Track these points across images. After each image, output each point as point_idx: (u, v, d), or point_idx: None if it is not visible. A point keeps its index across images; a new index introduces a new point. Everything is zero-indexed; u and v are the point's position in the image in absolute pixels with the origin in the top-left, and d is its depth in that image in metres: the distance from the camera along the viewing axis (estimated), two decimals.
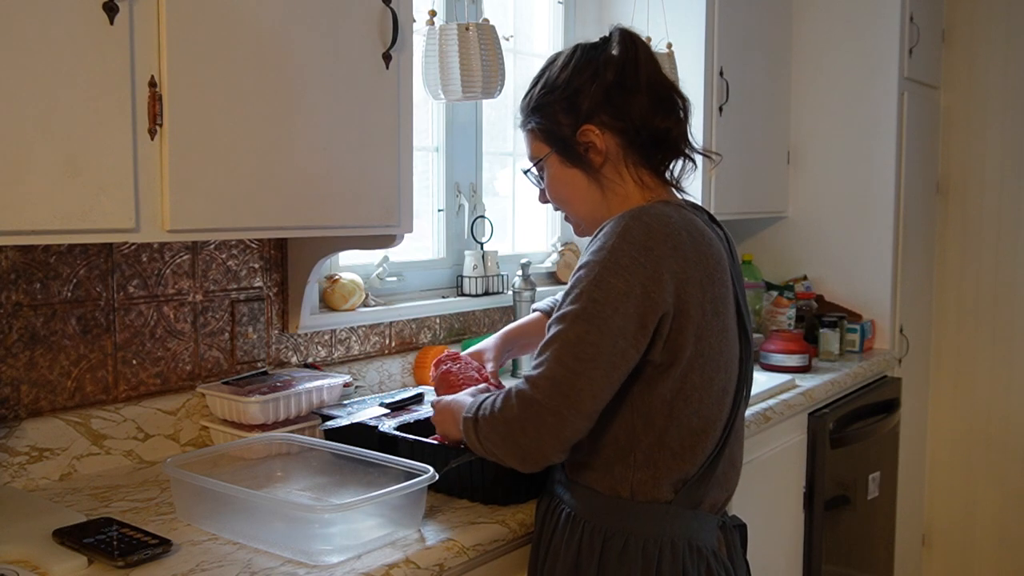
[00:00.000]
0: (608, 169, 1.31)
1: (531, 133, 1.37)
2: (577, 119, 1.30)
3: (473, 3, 2.29)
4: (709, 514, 1.28)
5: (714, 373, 1.24)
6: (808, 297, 2.97)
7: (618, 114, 1.29)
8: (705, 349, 1.21)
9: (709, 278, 1.21)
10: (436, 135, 2.35)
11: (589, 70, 1.31)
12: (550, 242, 2.76)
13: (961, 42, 3.40)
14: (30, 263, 1.49)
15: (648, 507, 1.24)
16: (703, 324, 1.20)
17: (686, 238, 1.20)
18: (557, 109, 1.32)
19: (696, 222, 1.25)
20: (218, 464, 1.48)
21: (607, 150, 1.30)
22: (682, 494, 1.25)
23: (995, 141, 3.36)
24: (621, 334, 1.15)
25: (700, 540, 1.26)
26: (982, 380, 3.41)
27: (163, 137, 1.26)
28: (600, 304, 1.15)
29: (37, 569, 1.14)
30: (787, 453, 2.34)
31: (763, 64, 2.95)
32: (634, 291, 1.15)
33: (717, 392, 1.25)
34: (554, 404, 1.14)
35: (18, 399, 1.49)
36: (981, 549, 3.44)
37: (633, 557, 1.23)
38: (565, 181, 1.35)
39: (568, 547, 1.27)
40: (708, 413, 1.24)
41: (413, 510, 1.30)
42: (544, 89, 1.35)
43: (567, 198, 1.37)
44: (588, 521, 1.26)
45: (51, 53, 1.14)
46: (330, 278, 1.99)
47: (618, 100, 1.29)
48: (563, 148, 1.32)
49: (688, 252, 1.19)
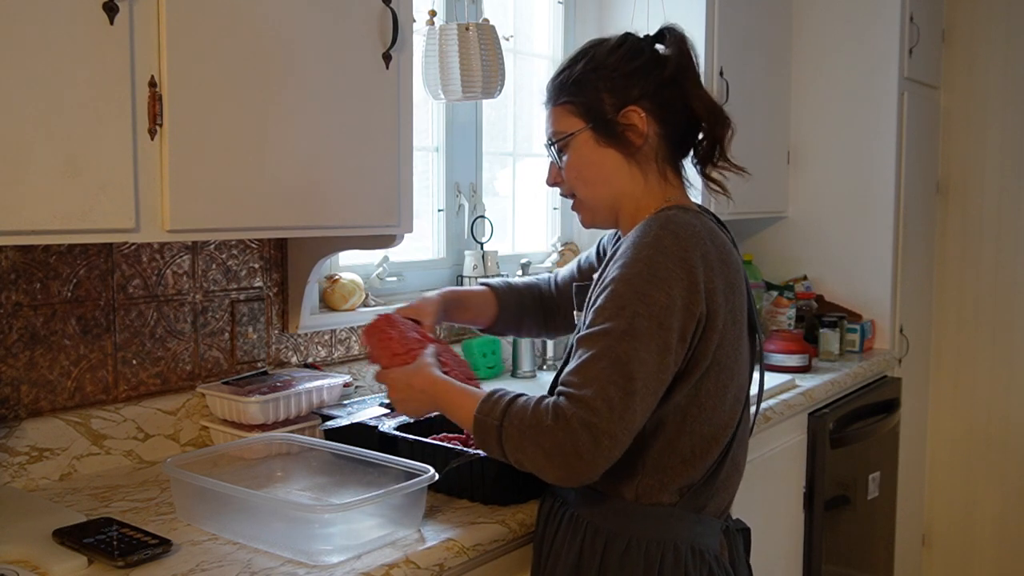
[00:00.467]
0: (642, 155, 1.31)
1: (564, 106, 1.33)
2: (624, 100, 1.29)
3: (473, 3, 2.29)
4: (712, 518, 1.28)
5: (728, 380, 1.23)
6: (808, 297, 2.97)
7: (667, 105, 1.29)
8: (722, 357, 1.21)
9: (731, 287, 1.21)
10: (436, 135, 2.35)
11: (642, 58, 1.30)
12: (550, 242, 2.76)
13: (961, 42, 3.40)
14: (30, 263, 1.49)
15: (651, 510, 1.23)
16: (724, 333, 1.20)
17: (711, 247, 1.20)
18: (602, 87, 1.29)
19: (715, 230, 1.26)
20: (218, 464, 1.48)
21: (647, 135, 1.29)
22: (687, 498, 1.24)
23: (995, 141, 3.36)
24: (667, 349, 1.14)
25: (703, 544, 1.25)
26: (982, 380, 3.41)
27: (163, 137, 1.26)
28: (646, 319, 1.13)
29: (37, 569, 1.14)
30: (787, 453, 2.34)
31: (763, 64, 2.95)
32: (676, 303, 1.14)
33: (731, 400, 1.25)
34: (612, 428, 1.11)
35: (18, 399, 1.49)
36: (981, 549, 3.44)
37: (635, 560, 1.22)
38: (592, 161, 1.32)
39: (570, 548, 1.27)
40: (720, 420, 1.24)
41: (413, 510, 1.30)
42: (589, 66, 1.31)
43: (592, 179, 1.34)
44: (591, 523, 1.26)
45: (51, 53, 1.14)
46: (330, 278, 1.99)
47: (669, 93, 1.29)
48: (601, 125, 1.30)
49: (713, 262, 1.19)
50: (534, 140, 2.73)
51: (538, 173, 2.75)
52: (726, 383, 1.23)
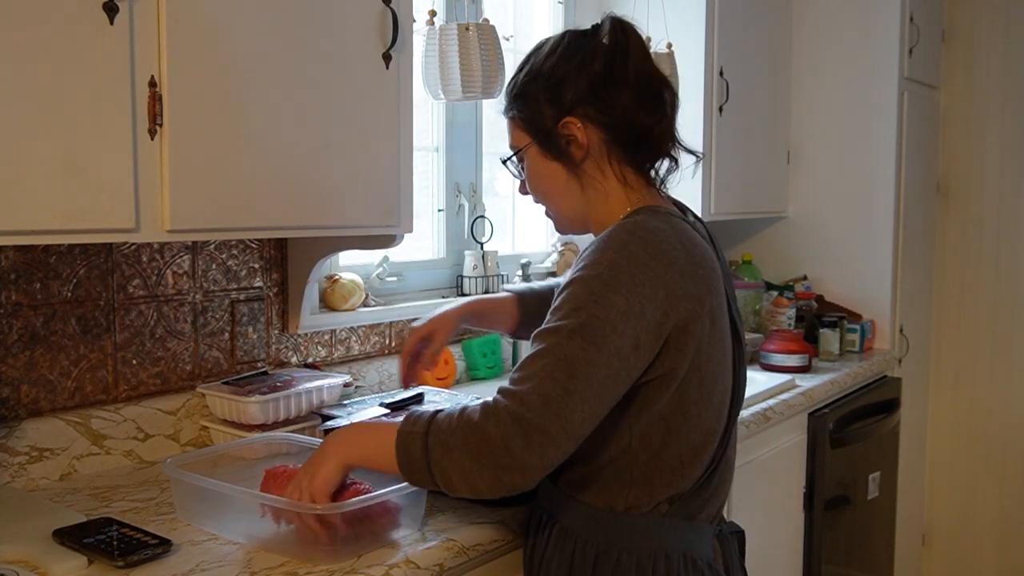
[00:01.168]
0: (589, 165, 1.24)
1: (512, 121, 1.31)
2: (560, 110, 1.23)
3: (473, 3, 2.29)
4: (705, 525, 1.25)
5: (712, 386, 1.19)
6: (808, 297, 2.97)
7: (603, 107, 1.22)
8: (703, 363, 1.17)
9: (707, 290, 1.16)
10: (436, 135, 2.35)
11: (576, 59, 1.23)
12: (550, 242, 2.76)
13: (961, 42, 3.40)
14: (30, 263, 1.49)
15: (642, 520, 1.20)
16: (701, 339, 1.15)
17: (681, 252, 1.15)
18: (540, 98, 1.24)
19: (687, 231, 1.20)
20: (218, 464, 1.48)
21: (589, 145, 1.23)
22: (677, 506, 1.21)
23: (995, 141, 3.36)
24: (618, 354, 1.08)
25: (696, 552, 1.22)
26: (982, 380, 3.41)
27: (163, 137, 1.26)
28: (600, 321, 1.08)
29: (37, 569, 1.14)
30: (787, 453, 2.34)
31: (763, 64, 2.95)
32: (634, 309, 1.09)
33: (716, 404, 1.21)
34: (544, 423, 1.05)
35: (18, 399, 1.49)
36: (981, 549, 3.44)
37: (626, 571, 1.19)
38: (544, 174, 1.28)
39: (561, 561, 1.23)
40: (707, 427, 1.20)
41: (413, 510, 1.30)
42: (528, 76, 1.27)
43: (546, 192, 1.30)
44: (580, 535, 1.22)
45: (51, 53, 1.14)
46: (330, 278, 1.99)
47: (603, 93, 1.21)
48: (544, 139, 1.25)
49: (684, 267, 1.14)
50: None
51: None
52: (710, 388, 1.19)
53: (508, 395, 1.08)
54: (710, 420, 1.21)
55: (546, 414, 1.05)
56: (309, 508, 1.18)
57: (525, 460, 1.06)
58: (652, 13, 2.53)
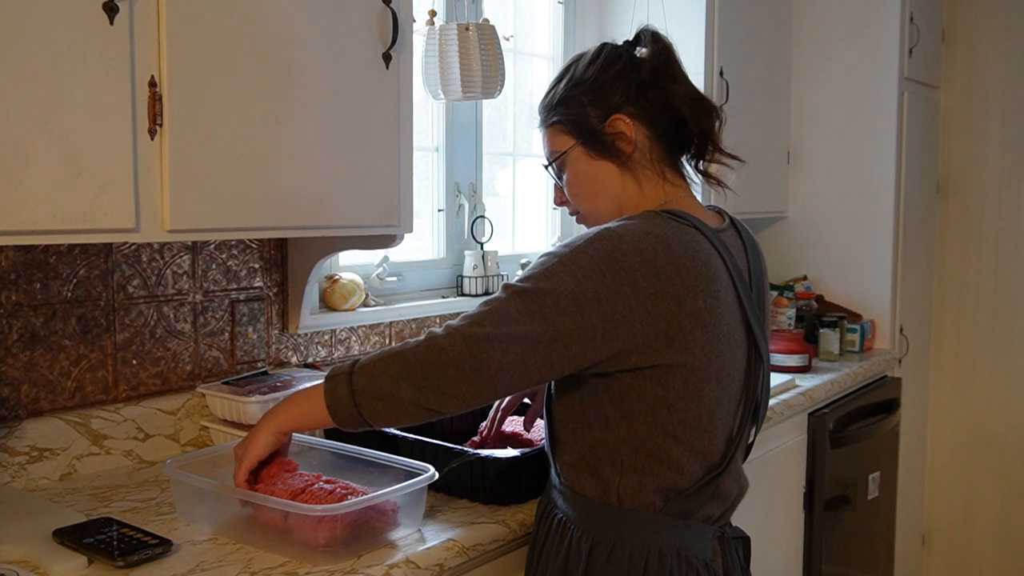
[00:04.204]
0: (639, 157, 1.31)
1: (555, 127, 1.35)
2: (607, 110, 1.29)
3: (473, 3, 2.29)
4: (703, 524, 1.25)
5: (703, 384, 1.19)
6: (808, 297, 2.97)
7: (648, 106, 1.29)
8: (688, 360, 1.17)
9: (688, 290, 1.16)
10: (436, 135, 2.35)
11: (619, 65, 1.31)
12: (550, 242, 2.76)
13: (961, 42, 3.40)
14: (30, 263, 1.49)
15: (635, 514, 1.21)
16: (680, 336, 1.16)
17: (660, 252, 1.16)
18: (584, 101, 1.31)
19: (681, 233, 1.21)
20: (218, 464, 1.48)
21: (636, 140, 1.29)
22: (673, 503, 1.21)
23: (995, 141, 3.36)
24: (554, 328, 1.13)
25: (691, 550, 1.22)
26: (982, 380, 3.41)
27: (163, 137, 1.26)
28: (543, 294, 1.14)
29: (37, 569, 1.14)
30: (787, 453, 2.34)
31: (763, 64, 2.95)
32: (586, 294, 1.13)
33: (708, 404, 1.21)
34: (459, 358, 1.13)
35: (18, 399, 1.49)
36: (981, 549, 3.44)
37: (618, 565, 1.20)
38: (590, 174, 1.33)
39: (557, 552, 1.25)
40: (699, 424, 1.20)
41: (413, 510, 1.30)
42: (570, 83, 1.33)
43: (592, 192, 1.34)
44: (577, 527, 1.24)
45: (51, 53, 1.14)
46: (330, 278, 1.99)
47: (649, 93, 1.29)
48: (591, 138, 1.31)
49: (661, 266, 1.15)
50: (534, 140, 2.73)
51: (538, 173, 2.75)
52: (699, 386, 1.19)
53: (443, 329, 1.17)
54: (702, 418, 1.21)
55: (464, 351, 1.14)
56: (308, 509, 1.18)
57: (439, 386, 1.14)
58: (652, 13, 2.54)
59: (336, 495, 1.23)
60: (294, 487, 1.25)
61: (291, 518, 1.21)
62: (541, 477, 1.45)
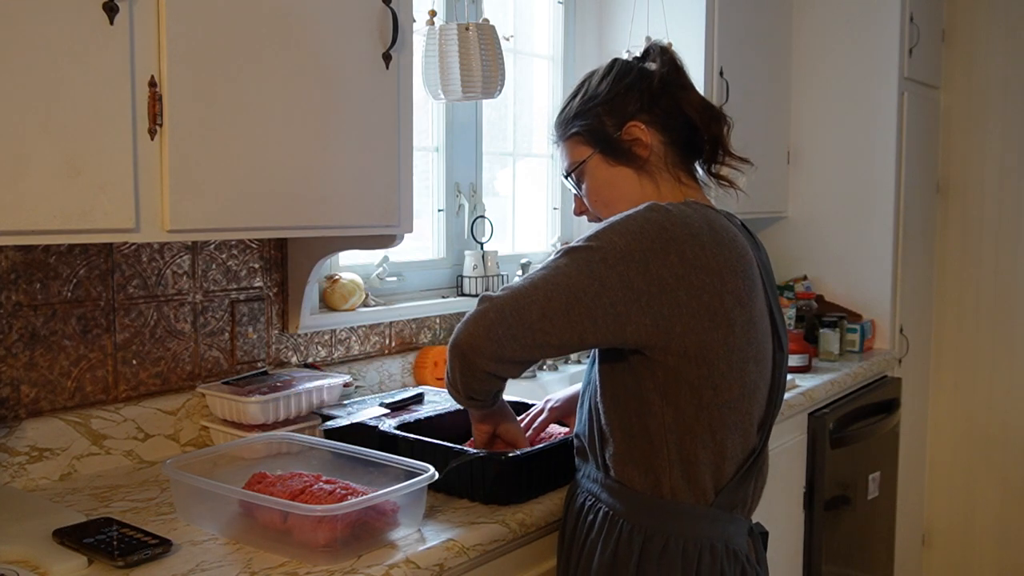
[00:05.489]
0: (655, 161, 1.35)
1: (572, 139, 1.40)
2: (623, 118, 1.34)
3: (473, 3, 2.29)
4: (742, 518, 1.29)
5: (744, 364, 1.23)
6: (808, 297, 2.97)
7: (662, 113, 1.34)
8: (729, 338, 1.20)
9: (730, 270, 1.21)
10: (436, 135, 2.35)
11: (630, 77, 1.36)
12: (550, 242, 2.76)
13: (961, 42, 3.40)
14: (30, 263, 1.49)
15: (688, 508, 1.24)
16: (722, 312, 1.19)
17: (705, 229, 1.22)
18: (601, 112, 1.36)
19: (719, 219, 1.27)
20: (218, 464, 1.48)
21: (652, 145, 1.34)
22: (722, 496, 1.25)
23: (995, 141, 3.36)
24: (600, 281, 1.17)
25: (736, 544, 1.26)
26: (982, 380, 3.41)
27: (163, 137, 1.26)
28: (592, 251, 1.19)
29: (37, 569, 1.14)
30: (787, 453, 2.34)
31: (763, 64, 2.95)
32: (633, 255, 1.17)
33: (749, 386, 1.24)
34: (500, 302, 1.19)
35: (18, 399, 1.49)
36: (981, 549, 3.44)
37: (673, 559, 1.23)
38: (610, 181, 1.37)
39: (605, 546, 1.27)
40: (741, 406, 1.24)
41: (413, 510, 1.30)
42: (585, 97, 1.38)
43: (612, 198, 1.37)
44: (627, 521, 1.26)
45: (51, 53, 1.14)
46: (330, 278, 1.99)
47: (662, 101, 1.34)
48: (608, 146, 1.35)
49: (706, 241, 1.21)
50: (534, 140, 2.73)
51: (538, 173, 2.75)
52: (741, 366, 1.23)
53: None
54: (744, 400, 1.24)
55: (507, 297, 1.21)
56: (308, 509, 1.18)
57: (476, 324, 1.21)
58: (652, 13, 2.53)
59: (336, 495, 1.23)
60: (294, 488, 1.25)
61: (291, 518, 1.21)
62: (542, 477, 1.45)
